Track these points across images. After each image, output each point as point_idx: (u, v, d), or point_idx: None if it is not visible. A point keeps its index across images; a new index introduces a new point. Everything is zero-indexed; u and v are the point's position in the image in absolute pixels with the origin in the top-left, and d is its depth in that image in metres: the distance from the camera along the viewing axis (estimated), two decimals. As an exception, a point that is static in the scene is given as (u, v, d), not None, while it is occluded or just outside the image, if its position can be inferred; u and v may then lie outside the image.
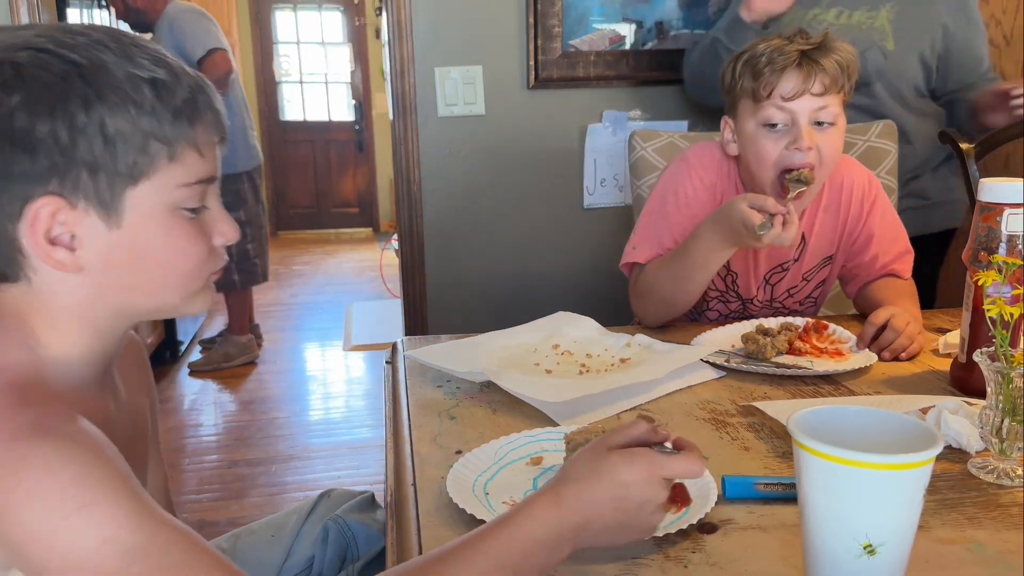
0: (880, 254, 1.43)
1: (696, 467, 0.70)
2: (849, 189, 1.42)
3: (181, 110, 0.70)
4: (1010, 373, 0.86)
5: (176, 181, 0.71)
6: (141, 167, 0.69)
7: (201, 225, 0.74)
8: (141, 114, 0.68)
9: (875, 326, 1.25)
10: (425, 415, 1.07)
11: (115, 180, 0.68)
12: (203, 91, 0.72)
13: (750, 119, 1.32)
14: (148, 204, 0.70)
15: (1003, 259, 0.94)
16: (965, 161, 1.90)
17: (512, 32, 2.26)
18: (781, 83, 1.27)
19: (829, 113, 1.29)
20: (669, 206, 1.41)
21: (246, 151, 3.59)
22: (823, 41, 1.29)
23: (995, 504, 0.84)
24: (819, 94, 1.27)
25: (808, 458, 0.64)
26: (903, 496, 0.62)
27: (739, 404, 1.09)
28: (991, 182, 1.08)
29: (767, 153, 1.31)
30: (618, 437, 0.72)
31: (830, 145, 1.30)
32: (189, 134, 0.71)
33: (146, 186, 0.69)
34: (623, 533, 0.70)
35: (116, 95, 0.67)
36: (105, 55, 0.67)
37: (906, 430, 0.66)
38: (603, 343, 1.30)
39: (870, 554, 0.62)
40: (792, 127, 1.29)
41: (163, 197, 0.71)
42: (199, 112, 0.72)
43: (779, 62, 1.27)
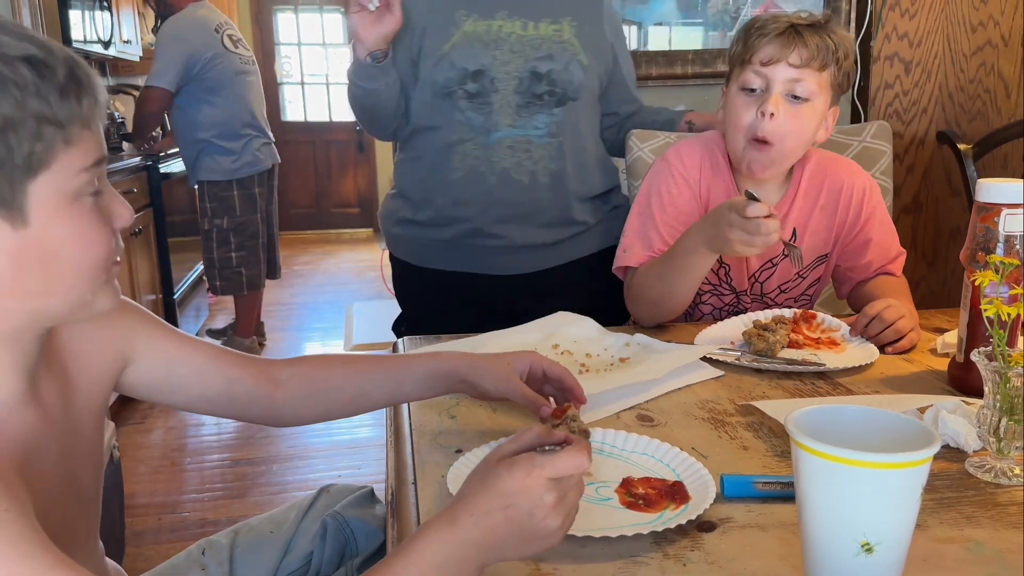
0: (875, 259, 1.45)
1: (578, 460, 0.66)
2: (849, 192, 1.43)
3: (66, 87, 0.64)
4: (1007, 372, 0.86)
5: (76, 166, 0.66)
6: (39, 156, 0.63)
7: (103, 210, 0.69)
8: (26, 96, 0.62)
9: (868, 317, 1.27)
10: (425, 414, 1.07)
11: (13, 174, 0.63)
12: (77, 64, 0.66)
13: (734, 83, 1.37)
14: (51, 196, 0.65)
15: (1000, 259, 0.95)
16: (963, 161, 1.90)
17: (512, 32, 2.25)
18: (762, 49, 1.31)
19: (804, 88, 1.31)
20: (654, 207, 1.43)
21: (239, 157, 3.54)
22: (818, 21, 1.33)
23: (993, 503, 0.84)
24: (796, 66, 1.30)
25: (806, 457, 0.64)
26: (901, 495, 0.63)
27: (738, 403, 1.10)
28: (989, 182, 1.09)
29: (739, 117, 1.34)
30: (508, 446, 0.70)
31: (797, 118, 1.32)
32: (79, 112, 0.65)
33: (46, 177, 0.64)
34: (526, 543, 0.66)
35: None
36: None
37: (904, 429, 0.67)
38: (603, 343, 1.30)
39: (868, 553, 0.63)
40: (764, 94, 1.32)
41: (64, 186, 0.65)
42: (83, 87, 0.66)
43: (767, 28, 1.31)
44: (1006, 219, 1.05)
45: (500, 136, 1.66)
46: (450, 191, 1.69)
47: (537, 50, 1.66)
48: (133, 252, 3.30)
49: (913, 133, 2.45)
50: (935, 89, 2.45)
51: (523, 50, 1.65)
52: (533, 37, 1.66)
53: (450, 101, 1.66)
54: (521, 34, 1.66)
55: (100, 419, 0.85)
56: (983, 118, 2.39)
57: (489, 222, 1.69)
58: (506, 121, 1.65)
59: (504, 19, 1.67)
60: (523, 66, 1.64)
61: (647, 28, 2.31)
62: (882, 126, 1.84)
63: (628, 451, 0.94)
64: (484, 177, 1.67)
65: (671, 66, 2.31)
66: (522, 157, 1.67)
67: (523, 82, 1.64)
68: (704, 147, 1.46)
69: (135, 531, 2.32)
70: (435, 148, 1.70)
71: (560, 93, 1.66)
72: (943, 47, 2.41)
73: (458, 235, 1.72)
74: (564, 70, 1.65)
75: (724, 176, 1.44)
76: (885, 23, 2.37)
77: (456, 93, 1.66)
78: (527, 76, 1.64)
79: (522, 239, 1.71)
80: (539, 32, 1.67)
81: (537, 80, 1.65)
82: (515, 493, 0.65)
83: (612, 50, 1.77)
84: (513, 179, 1.67)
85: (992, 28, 2.36)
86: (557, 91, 1.66)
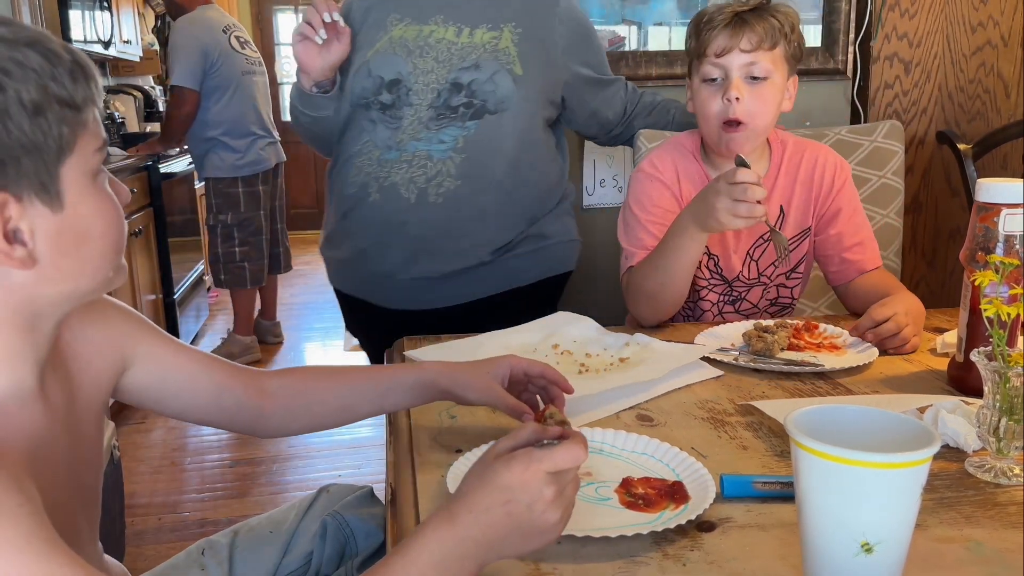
0: (845, 234, 1.48)
1: (575, 452, 0.66)
2: (822, 165, 1.50)
3: (74, 71, 0.66)
4: (1007, 372, 0.86)
5: (92, 146, 0.68)
6: (67, 139, 0.66)
7: (111, 187, 0.72)
8: (45, 79, 0.64)
9: (874, 321, 1.27)
10: (425, 414, 1.07)
11: (48, 159, 0.65)
12: (72, 48, 0.68)
13: (695, 76, 1.44)
14: (78, 177, 0.67)
15: (1000, 259, 0.95)
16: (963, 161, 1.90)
17: (512, 33, 2.25)
18: (714, 41, 1.38)
19: (760, 68, 1.38)
20: (636, 211, 1.48)
21: (244, 155, 3.60)
22: (760, 3, 1.40)
23: (992, 503, 0.84)
24: (748, 50, 1.37)
25: (806, 457, 0.64)
26: (901, 495, 0.63)
27: (738, 403, 1.10)
28: (989, 182, 1.09)
29: (707, 107, 1.41)
30: (504, 443, 0.70)
31: (760, 97, 1.39)
32: (90, 94, 0.67)
33: (73, 159, 0.67)
34: (526, 539, 0.67)
35: (18, 67, 0.63)
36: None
37: (904, 429, 0.67)
38: (602, 343, 1.30)
39: (868, 553, 0.63)
40: (725, 81, 1.39)
41: (86, 165, 0.68)
42: (86, 69, 0.68)
43: (715, 21, 1.38)
44: (1006, 219, 1.05)
45: (402, 152, 1.51)
46: (339, 206, 1.58)
47: (465, 59, 1.52)
48: (133, 252, 3.30)
49: (913, 133, 2.45)
50: (935, 89, 2.45)
51: (449, 59, 1.52)
52: (465, 45, 1.52)
53: (365, 113, 1.54)
54: (452, 41, 1.52)
55: (100, 420, 0.85)
56: (983, 118, 2.39)
57: (372, 244, 1.55)
58: (412, 135, 1.51)
59: (438, 24, 1.53)
60: (445, 76, 1.50)
61: (647, 28, 2.31)
62: (894, 126, 1.84)
63: (628, 451, 0.94)
64: (368, 192, 1.53)
65: (671, 66, 2.31)
66: (415, 173, 1.51)
67: (441, 95, 1.50)
68: (673, 148, 1.53)
69: (135, 531, 2.32)
70: (343, 159, 1.58)
71: (478, 105, 1.51)
72: (943, 47, 2.41)
73: (349, 256, 1.59)
74: (488, 80, 1.51)
75: (696, 168, 1.50)
76: (885, 23, 2.37)
77: (372, 104, 1.53)
78: (447, 88, 1.50)
79: (404, 269, 1.55)
80: (474, 40, 1.52)
81: (456, 91, 1.50)
82: (514, 488, 0.65)
83: (564, 56, 1.61)
84: (400, 196, 1.51)
85: (992, 28, 2.36)
86: (475, 103, 1.51)
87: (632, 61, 2.30)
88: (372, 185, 1.52)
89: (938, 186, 2.49)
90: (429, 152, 1.50)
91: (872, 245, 1.50)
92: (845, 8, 2.32)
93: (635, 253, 1.45)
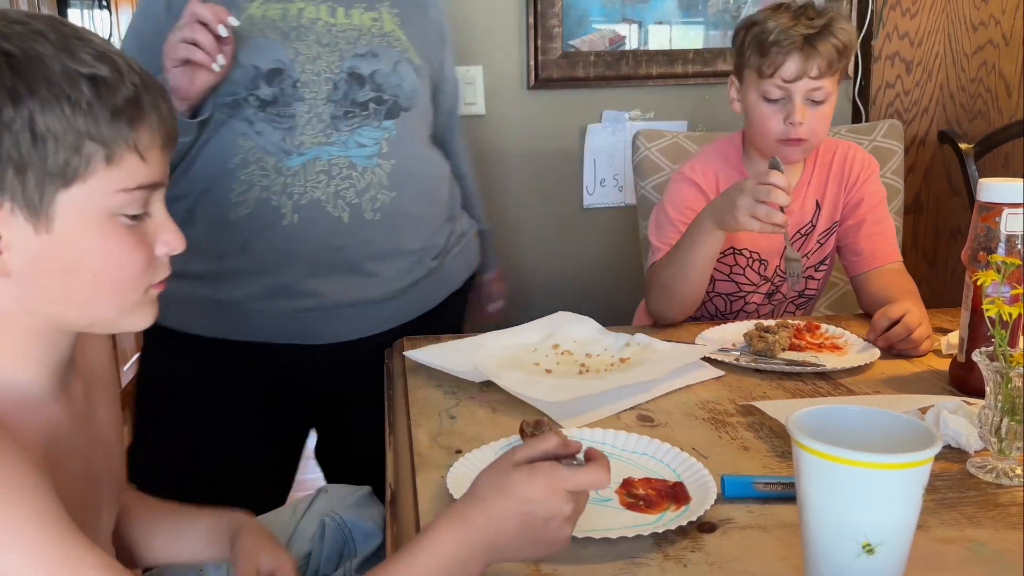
0: (865, 223, 1.50)
1: (601, 478, 0.68)
2: (851, 160, 1.53)
3: (122, 110, 0.66)
4: (1009, 373, 0.86)
5: (114, 186, 0.67)
6: (74, 168, 0.65)
7: (141, 233, 0.70)
8: (76, 112, 0.64)
9: (890, 320, 1.27)
10: (425, 415, 1.07)
11: (44, 181, 0.64)
12: (149, 90, 0.68)
13: (752, 90, 1.43)
14: (81, 209, 0.66)
15: (1002, 259, 0.94)
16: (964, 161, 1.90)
17: (512, 32, 2.25)
18: (784, 67, 1.38)
19: (822, 93, 1.40)
20: (671, 212, 1.50)
21: None
22: (826, 23, 1.38)
23: (994, 503, 0.84)
24: (816, 77, 1.38)
25: (807, 457, 0.64)
26: (902, 496, 0.62)
27: (739, 404, 1.09)
28: (990, 182, 1.08)
29: (767, 125, 1.42)
30: (525, 452, 0.70)
31: (821, 119, 1.42)
32: (129, 136, 0.66)
33: (80, 189, 0.65)
34: (534, 548, 0.68)
35: (49, 90, 0.63)
36: (42, 47, 0.64)
37: (905, 430, 0.66)
38: (603, 343, 1.30)
39: (869, 553, 0.62)
40: (788, 102, 1.40)
41: (99, 202, 0.66)
42: (142, 113, 0.67)
43: (784, 45, 1.37)
44: (1007, 219, 1.05)
45: (308, 158, 1.25)
46: (229, 236, 1.26)
47: (354, 44, 1.29)
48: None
49: (914, 132, 2.45)
50: (936, 88, 2.44)
51: (335, 43, 1.28)
52: (347, 27, 1.30)
53: (236, 113, 1.24)
54: (329, 21, 1.29)
55: (120, 425, 0.86)
56: (984, 117, 2.39)
57: (296, 277, 1.27)
58: (316, 138, 1.25)
59: (304, 1, 1.29)
60: (337, 64, 1.27)
61: (647, 27, 2.30)
62: (893, 125, 1.84)
63: (628, 451, 0.94)
64: (278, 213, 1.24)
65: (671, 65, 2.31)
66: (341, 185, 1.26)
67: (339, 86, 1.26)
68: (717, 157, 1.53)
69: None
70: (209, 176, 1.26)
71: (389, 101, 1.30)
72: (944, 46, 2.41)
73: (254, 295, 1.28)
74: (392, 72, 1.30)
75: (739, 176, 1.49)
76: (886, 22, 2.37)
77: (245, 102, 1.23)
78: (344, 78, 1.27)
79: (343, 294, 1.30)
80: (352, 21, 1.31)
81: (358, 84, 1.28)
82: (535, 501, 0.66)
83: (441, 46, 1.44)
84: (327, 215, 1.25)
85: (993, 27, 2.35)
86: (386, 98, 1.29)
87: (633, 60, 2.30)
88: (278, 203, 1.24)
89: (939, 186, 2.49)
90: (351, 159, 1.27)
91: (890, 239, 1.52)
92: (846, 7, 2.32)
93: (661, 250, 1.48)
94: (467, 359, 1.19)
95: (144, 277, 0.71)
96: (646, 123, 2.33)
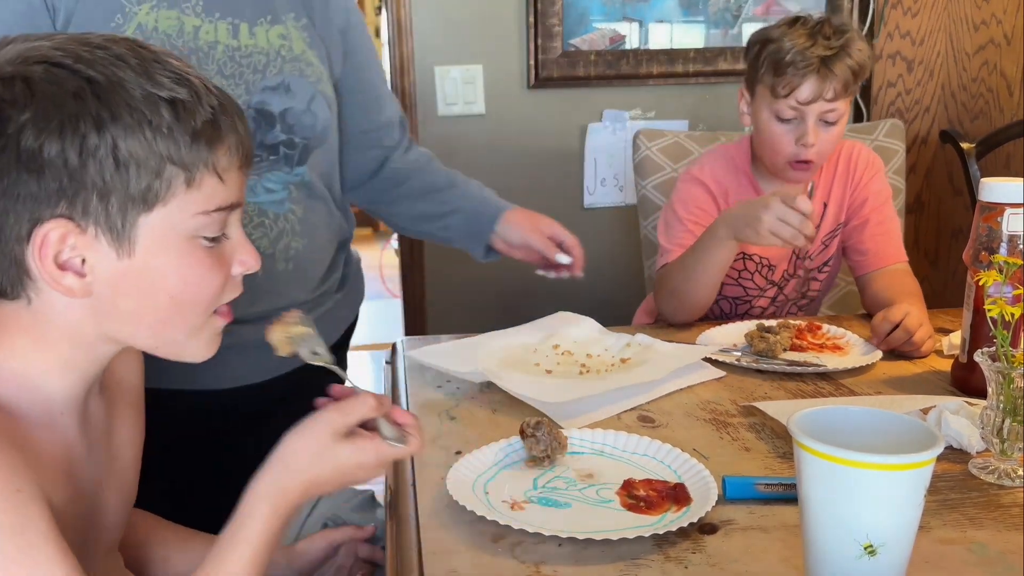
0: (869, 223, 1.49)
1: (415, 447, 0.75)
2: (856, 157, 1.53)
3: (201, 132, 0.66)
4: (1011, 373, 0.85)
5: (194, 208, 0.67)
6: (155, 192, 0.65)
7: (220, 254, 0.70)
8: (157, 136, 0.64)
9: (891, 323, 1.26)
10: (425, 415, 1.07)
11: (127, 206, 0.65)
12: (227, 112, 0.69)
13: (765, 108, 1.42)
14: (162, 232, 0.66)
15: (1004, 259, 0.94)
16: (966, 160, 1.89)
17: (512, 31, 2.25)
18: (800, 89, 1.37)
19: (835, 115, 1.39)
20: (681, 212, 1.50)
21: None
22: (843, 44, 1.36)
23: (996, 505, 0.84)
24: (831, 99, 1.37)
25: (809, 458, 0.63)
26: (904, 497, 0.62)
27: (740, 404, 1.09)
28: (992, 182, 1.08)
29: (778, 145, 1.41)
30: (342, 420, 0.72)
31: (832, 138, 1.41)
32: (208, 159, 0.67)
33: (161, 213, 0.66)
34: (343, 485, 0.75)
35: (131, 116, 0.63)
36: (123, 72, 0.64)
37: (907, 430, 0.66)
38: (603, 343, 1.29)
39: (871, 555, 0.62)
40: (800, 123, 1.39)
41: (179, 225, 0.67)
42: (221, 135, 0.68)
43: (800, 67, 1.35)
44: (1009, 219, 1.05)
45: None
46: None
47: (263, 73, 1.13)
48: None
49: (915, 132, 2.45)
50: (937, 88, 2.44)
51: (239, 72, 1.12)
52: (251, 50, 1.13)
53: None
54: (231, 45, 1.12)
55: (138, 446, 0.85)
56: (986, 117, 2.39)
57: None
58: None
59: (198, 16, 1.10)
60: (244, 99, 1.11)
61: (648, 26, 2.30)
62: (895, 125, 1.83)
63: (629, 452, 0.94)
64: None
65: (672, 64, 2.31)
66: (255, 235, 1.14)
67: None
68: (724, 161, 1.53)
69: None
70: None
71: (301, 145, 1.17)
72: (945, 46, 2.41)
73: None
74: (306, 111, 1.16)
75: (746, 183, 1.50)
76: (887, 21, 2.37)
77: None
78: (251, 115, 1.12)
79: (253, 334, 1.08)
80: (258, 42, 1.13)
81: (267, 123, 1.13)
82: (360, 473, 0.73)
83: (342, 44, 1.25)
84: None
85: (994, 26, 2.35)
86: (297, 141, 1.16)
87: (633, 59, 2.30)
88: None
89: (941, 185, 2.48)
90: (260, 205, 1.15)
91: (895, 239, 1.51)
92: (848, 6, 2.32)
93: (671, 251, 1.47)
94: (467, 360, 1.19)
95: (219, 297, 0.72)
96: (647, 122, 2.32)
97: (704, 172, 1.51)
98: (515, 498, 0.85)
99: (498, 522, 0.78)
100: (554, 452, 0.91)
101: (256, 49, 1.13)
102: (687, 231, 1.47)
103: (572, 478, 0.89)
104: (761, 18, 2.32)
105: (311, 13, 1.20)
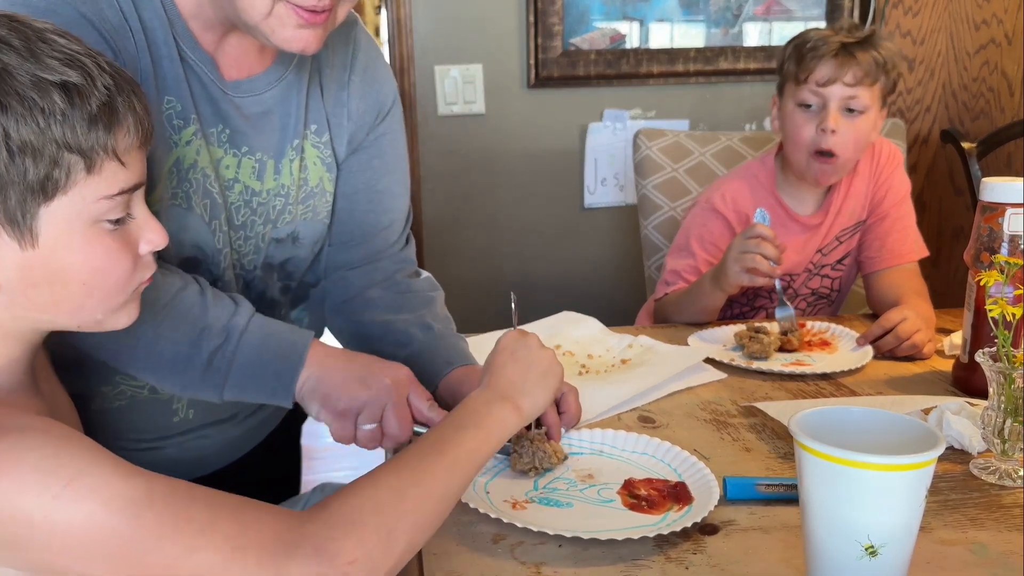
0: (891, 216, 1.49)
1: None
2: (879, 152, 1.52)
3: (97, 117, 0.63)
4: (1012, 374, 0.85)
5: (96, 194, 0.65)
6: (55, 182, 0.63)
7: (126, 236, 0.69)
8: (51, 123, 0.61)
9: (883, 329, 1.26)
10: (425, 415, 1.06)
11: (26, 197, 0.62)
12: (122, 90, 0.66)
13: (790, 99, 1.43)
14: (66, 221, 0.64)
15: (1005, 259, 0.94)
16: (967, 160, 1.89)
17: (512, 31, 2.25)
18: (818, 70, 1.38)
19: (859, 103, 1.38)
20: (696, 247, 1.50)
21: None
22: (866, 36, 1.38)
23: (997, 505, 0.84)
24: (851, 84, 1.37)
25: (810, 459, 0.63)
26: (905, 497, 0.62)
27: (740, 405, 1.09)
28: (993, 182, 1.08)
29: (800, 132, 1.41)
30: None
31: (856, 130, 1.39)
32: (107, 142, 0.64)
33: (62, 202, 0.64)
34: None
35: (22, 104, 0.60)
36: (8, 56, 0.61)
37: (908, 431, 0.66)
38: (605, 343, 1.29)
39: (872, 555, 0.62)
40: (822, 110, 1.39)
41: (82, 212, 0.65)
42: (118, 117, 0.65)
43: (820, 50, 1.37)
44: (1010, 219, 1.05)
45: None
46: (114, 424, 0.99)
47: (273, 223, 0.99)
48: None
49: (916, 132, 2.44)
50: (938, 87, 2.44)
51: (250, 221, 0.98)
52: (272, 194, 0.97)
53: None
54: (252, 187, 0.96)
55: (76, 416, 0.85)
56: (987, 117, 2.38)
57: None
58: None
59: (224, 150, 0.93)
60: (254, 259, 1.00)
61: (648, 25, 2.30)
62: (896, 124, 1.83)
63: (629, 451, 0.94)
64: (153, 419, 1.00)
65: (673, 64, 2.31)
66: None
67: (251, 284, 1.01)
68: (748, 182, 1.51)
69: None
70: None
71: (296, 292, 1.07)
72: (946, 45, 2.41)
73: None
74: (309, 257, 1.05)
75: (772, 199, 1.49)
76: (888, 21, 2.36)
77: None
78: (257, 275, 1.01)
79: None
80: (282, 182, 0.97)
81: (267, 275, 1.02)
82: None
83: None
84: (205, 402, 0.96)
85: (996, 26, 2.35)
86: (292, 286, 1.06)
87: (633, 58, 2.30)
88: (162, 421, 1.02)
89: (942, 185, 2.48)
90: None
91: (908, 236, 1.50)
92: (848, 5, 2.32)
93: (674, 284, 1.49)
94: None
95: (131, 279, 0.70)
96: (647, 122, 2.32)
97: (725, 202, 1.49)
98: (516, 498, 0.84)
99: (500, 522, 0.78)
100: (541, 463, 0.89)
101: (277, 191, 0.98)
102: (694, 266, 1.48)
103: (573, 479, 0.89)
104: (761, 18, 2.32)
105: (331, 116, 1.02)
